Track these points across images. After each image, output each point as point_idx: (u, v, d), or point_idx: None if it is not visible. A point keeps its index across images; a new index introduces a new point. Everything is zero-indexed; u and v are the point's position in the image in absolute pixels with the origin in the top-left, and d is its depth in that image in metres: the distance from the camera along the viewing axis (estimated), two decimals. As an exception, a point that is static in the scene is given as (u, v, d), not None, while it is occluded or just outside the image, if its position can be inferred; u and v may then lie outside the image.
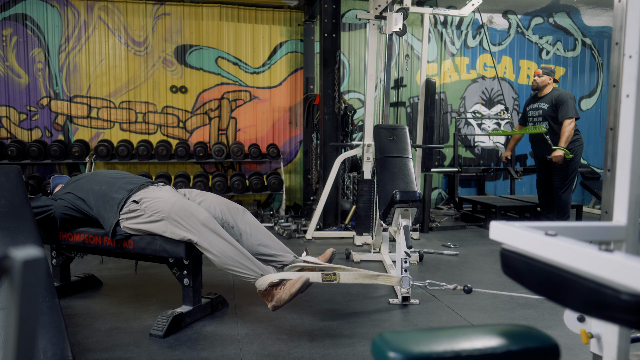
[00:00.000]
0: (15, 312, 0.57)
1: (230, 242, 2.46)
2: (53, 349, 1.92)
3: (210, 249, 2.42)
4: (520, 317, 2.82)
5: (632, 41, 1.16)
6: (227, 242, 2.45)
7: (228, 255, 2.42)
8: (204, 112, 6.50)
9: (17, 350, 0.58)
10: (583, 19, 7.53)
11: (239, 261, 2.43)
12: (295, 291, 2.35)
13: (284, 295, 2.36)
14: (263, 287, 2.42)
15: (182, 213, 2.48)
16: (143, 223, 2.57)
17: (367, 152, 4.70)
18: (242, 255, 2.45)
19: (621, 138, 1.19)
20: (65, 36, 6.09)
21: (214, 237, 2.44)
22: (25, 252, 0.58)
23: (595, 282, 0.74)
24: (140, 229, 2.59)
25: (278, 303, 2.38)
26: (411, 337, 0.92)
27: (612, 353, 1.34)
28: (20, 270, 0.57)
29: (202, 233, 2.43)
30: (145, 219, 2.56)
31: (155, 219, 2.54)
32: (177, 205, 2.52)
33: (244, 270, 2.44)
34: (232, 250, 2.44)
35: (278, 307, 2.41)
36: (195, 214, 2.47)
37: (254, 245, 2.65)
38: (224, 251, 2.42)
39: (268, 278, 2.42)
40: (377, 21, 4.60)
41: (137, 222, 2.59)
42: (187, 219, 2.46)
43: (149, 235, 2.60)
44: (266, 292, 2.43)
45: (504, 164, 6.80)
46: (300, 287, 2.35)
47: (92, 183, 2.81)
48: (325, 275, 2.50)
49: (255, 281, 2.44)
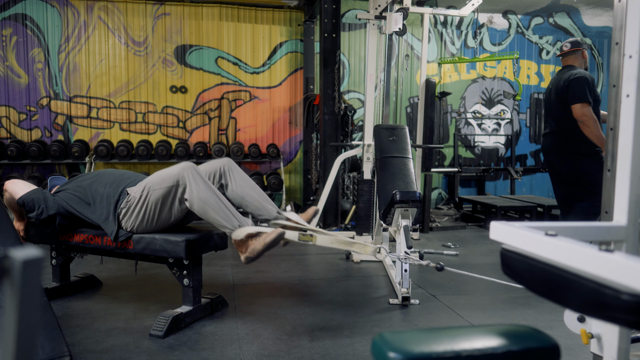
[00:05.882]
0: (15, 311, 0.57)
1: (213, 190, 2.50)
2: (50, 344, 1.93)
3: (192, 189, 2.45)
4: (520, 317, 2.82)
5: (632, 41, 1.16)
6: (210, 188, 2.49)
7: (209, 201, 2.44)
8: (204, 112, 6.50)
9: (17, 350, 0.58)
10: (583, 19, 7.53)
11: (219, 208, 2.45)
12: (270, 241, 2.37)
13: (257, 245, 2.39)
14: (240, 237, 2.43)
15: (162, 173, 2.58)
16: (138, 210, 2.59)
17: (367, 152, 4.70)
18: (222, 204, 2.47)
19: (621, 138, 1.19)
20: (65, 36, 6.09)
21: (197, 179, 2.47)
22: (25, 252, 0.58)
23: (596, 282, 0.74)
24: (139, 218, 2.59)
25: (251, 254, 2.40)
26: (411, 337, 0.92)
27: (613, 353, 1.34)
28: (20, 270, 0.57)
29: (183, 176, 2.47)
30: (137, 204, 2.59)
31: (143, 195, 2.57)
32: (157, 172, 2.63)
33: (222, 220, 2.45)
34: (214, 197, 2.46)
35: (251, 259, 2.42)
36: (175, 167, 2.55)
37: (238, 197, 2.67)
38: (205, 196, 2.44)
39: (246, 229, 2.44)
40: (377, 21, 4.60)
41: (133, 214, 2.60)
42: (168, 172, 2.55)
43: (149, 235, 2.60)
44: (242, 242, 2.44)
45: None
46: (275, 238, 2.38)
47: (98, 185, 2.80)
48: (302, 235, 2.55)
49: (233, 232, 2.46)
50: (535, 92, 7.56)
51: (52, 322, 2.02)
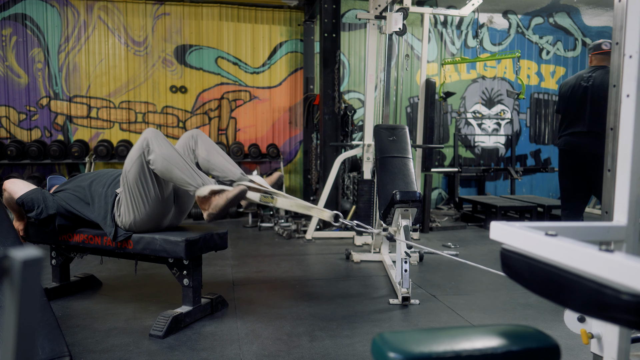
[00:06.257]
0: (15, 311, 0.57)
1: (177, 151, 2.54)
2: (50, 345, 1.93)
3: (154, 149, 2.47)
4: (520, 317, 2.82)
5: (632, 41, 1.16)
6: (173, 147, 2.53)
7: (172, 159, 2.47)
8: (204, 112, 6.51)
9: (17, 350, 0.57)
10: (583, 19, 7.53)
11: (184, 167, 2.49)
12: (232, 196, 2.42)
13: (220, 201, 2.42)
14: (203, 194, 2.46)
15: (130, 152, 2.59)
16: (126, 201, 2.60)
17: (367, 152, 4.70)
18: (187, 164, 2.51)
19: (621, 138, 1.19)
20: (65, 36, 6.09)
21: (159, 139, 2.51)
22: (25, 252, 0.58)
23: (596, 282, 0.74)
24: (130, 208, 2.60)
25: (214, 210, 2.43)
26: (411, 337, 0.92)
27: (613, 353, 1.34)
28: (20, 270, 0.57)
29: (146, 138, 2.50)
30: (124, 196, 2.60)
31: (124, 182, 2.58)
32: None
33: (187, 177, 2.48)
34: (177, 156, 2.50)
35: (213, 215, 2.45)
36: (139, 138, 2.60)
37: (205, 161, 2.72)
38: (168, 153, 2.47)
39: (210, 186, 2.48)
40: (377, 21, 4.60)
41: (124, 207, 2.61)
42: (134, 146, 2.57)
43: (149, 235, 2.60)
44: (205, 199, 2.47)
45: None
46: (237, 193, 2.43)
47: (97, 185, 2.80)
48: (264, 197, 2.60)
49: (197, 190, 2.49)
50: (535, 92, 7.56)
51: (52, 322, 2.02)
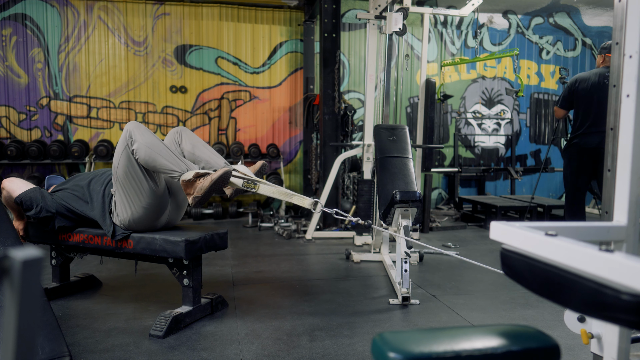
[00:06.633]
0: (15, 311, 0.57)
1: (161, 141, 2.57)
2: (50, 345, 1.93)
3: (137, 139, 2.50)
4: (520, 317, 2.82)
5: (632, 41, 1.16)
6: (155, 136, 2.57)
7: (155, 147, 2.50)
8: (204, 112, 6.50)
9: (17, 350, 0.57)
10: (583, 19, 7.53)
11: (168, 154, 2.52)
12: (217, 178, 2.46)
13: (205, 183, 2.46)
14: (188, 177, 2.49)
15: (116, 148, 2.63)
16: (120, 198, 2.61)
17: (367, 152, 4.70)
18: (170, 151, 2.54)
19: (621, 138, 1.19)
20: (65, 36, 6.09)
21: (141, 129, 2.54)
22: (25, 252, 0.58)
23: (596, 282, 0.74)
24: (125, 204, 2.61)
25: (199, 192, 2.47)
26: (411, 337, 0.92)
27: (613, 353, 1.34)
28: (20, 270, 0.57)
29: (128, 130, 2.53)
30: (117, 192, 2.61)
31: (116, 179, 2.60)
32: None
33: (171, 164, 2.51)
34: (161, 144, 2.54)
35: (198, 198, 2.47)
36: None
37: (189, 153, 2.76)
38: (150, 141, 2.51)
39: (194, 171, 2.52)
40: (377, 21, 4.60)
41: (119, 204, 2.62)
42: (119, 141, 2.59)
43: (149, 234, 2.61)
44: (190, 182, 2.50)
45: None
46: (221, 174, 2.47)
47: (95, 184, 2.81)
48: (247, 183, 2.66)
49: (182, 174, 2.52)
50: (535, 92, 7.56)
51: (52, 322, 2.02)
